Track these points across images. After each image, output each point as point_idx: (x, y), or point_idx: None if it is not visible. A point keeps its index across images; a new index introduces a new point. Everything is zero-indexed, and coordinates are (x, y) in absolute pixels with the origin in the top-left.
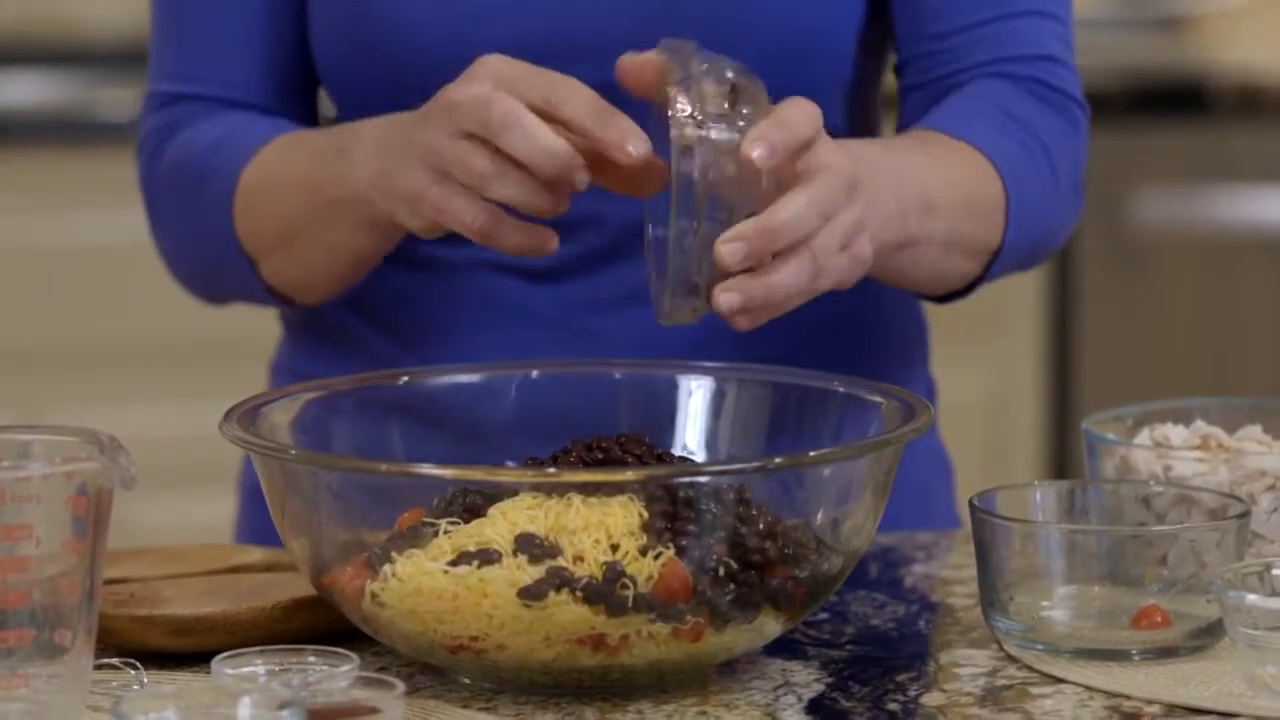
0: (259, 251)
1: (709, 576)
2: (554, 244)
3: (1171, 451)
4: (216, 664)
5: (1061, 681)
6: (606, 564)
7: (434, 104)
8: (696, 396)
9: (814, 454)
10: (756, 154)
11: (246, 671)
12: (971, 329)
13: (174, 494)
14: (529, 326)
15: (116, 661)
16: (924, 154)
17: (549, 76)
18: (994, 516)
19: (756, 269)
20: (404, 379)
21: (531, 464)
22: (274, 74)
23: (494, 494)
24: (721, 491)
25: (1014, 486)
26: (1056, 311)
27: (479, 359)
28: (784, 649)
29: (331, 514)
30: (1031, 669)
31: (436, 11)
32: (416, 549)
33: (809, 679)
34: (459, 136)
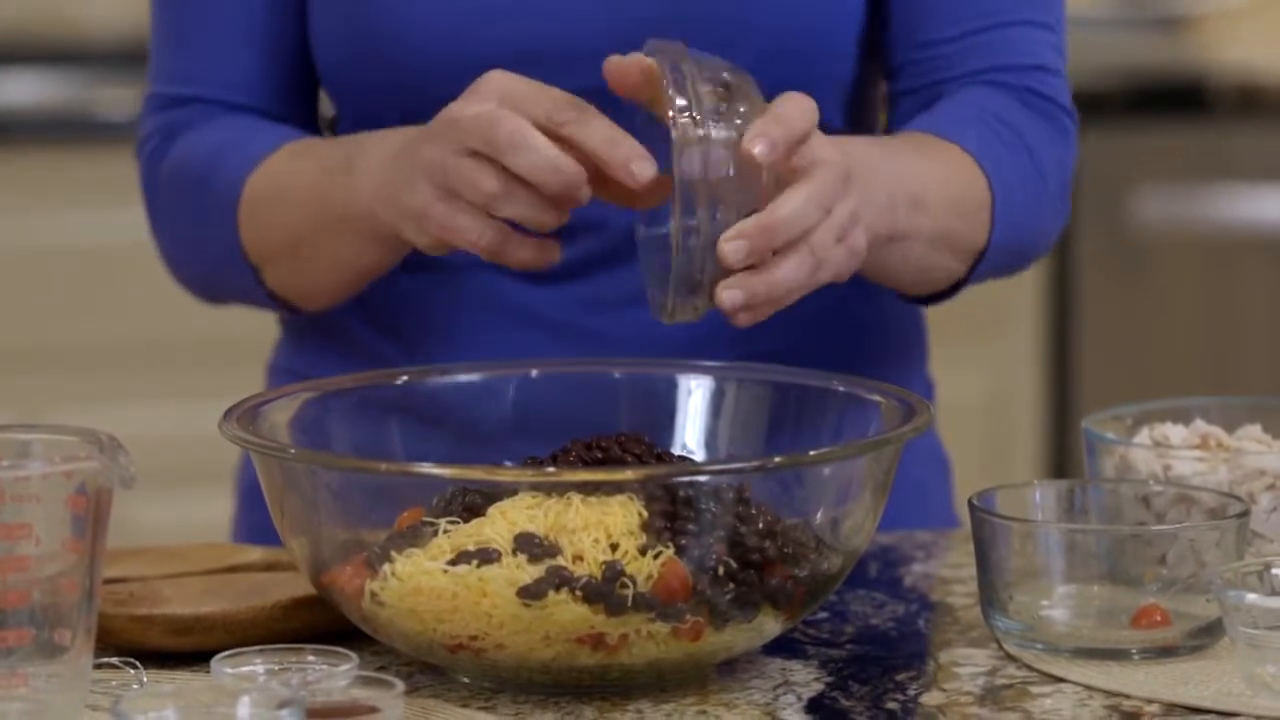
0: (263, 260)
1: (708, 576)
2: (558, 255)
3: (1171, 451)
4: (216, 663)
5: (1061, 681)
6: (606, 563)
7: (439, 121)
8: (696, 396)
9: (813, 453)
10: (758, 150)
11: (246, 671)
12: (971, 329)
13: (173, 493)
14: (529, 328)
15: (116, 661)
16: (914, 152)
17: (554, 94)
18: (994, 516)
19: (758, 265)
20: (403, 378)
21: (531, 463)
22: (274, 76)
23: (493, 493)
24: (721, 491)
25: (1013, 486)
26: (1056, 311)
27: (479, 360)
28: (783, 648)
29: (331, 513)
30: (1031, 668)
31: (436, 14)
32: (416, 548)
33: (808, 678)
34: (464, 154)
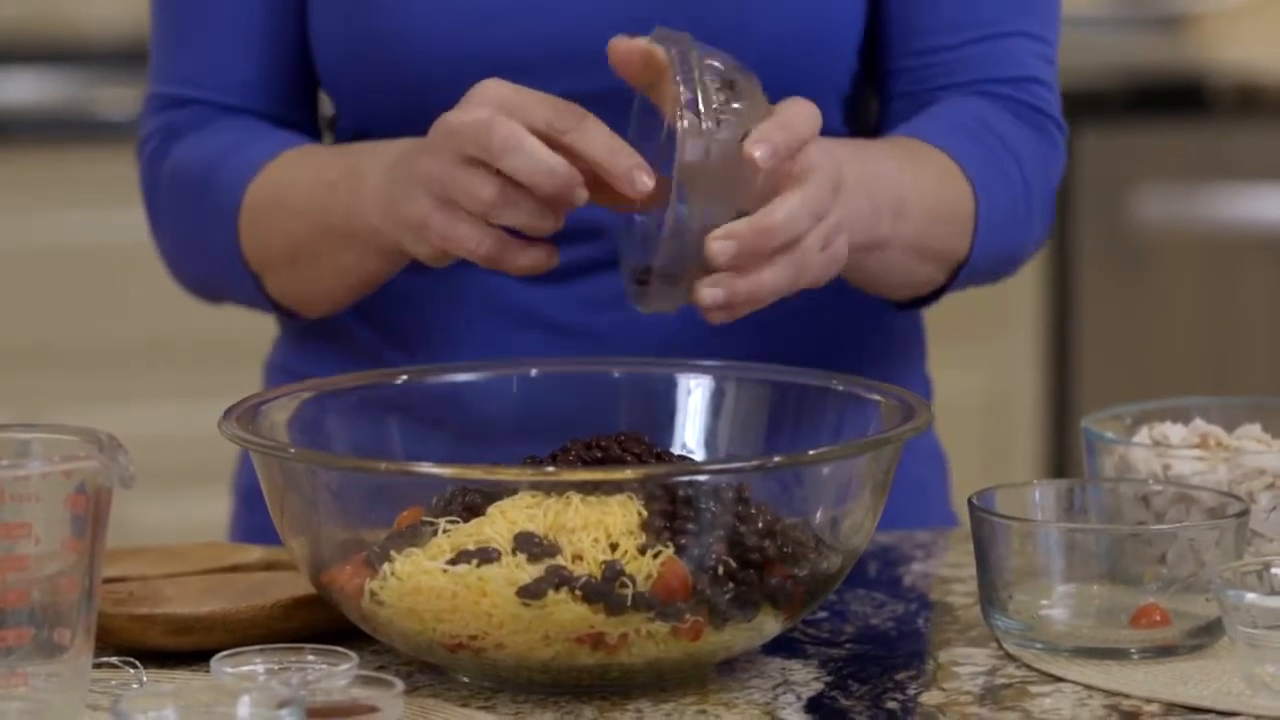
0: (264, 267)
1: (708, 575)
2: (556, 260)
3: (1170, 450)
4: (216, 663)
5: (1060, 680)
6: (605, 563)
7: (435, 130)
8: (695, 395)
9: (813, 453)
10: (759, 154)
11: (246, 670)
12: (971, 328)
13: (173, 493)
14: (529, 328)
15: (115, 660)
16: (901, 159)
17: (552, 101)
18: (993, 515)
19: (742, 266)
20: (403, 378)
21: (530, 463)
22: (274, 78)
23: (493, 493)
24: (720, 490)
25: (1013, 485)
26: (1056, 310)
27: (479, 359)
28: (783, 648)
29: (330, 513)
30: (1030, 668)
31: (436, 16)
32: (415, 548)
33: (808, 678)
34: (461, 162)
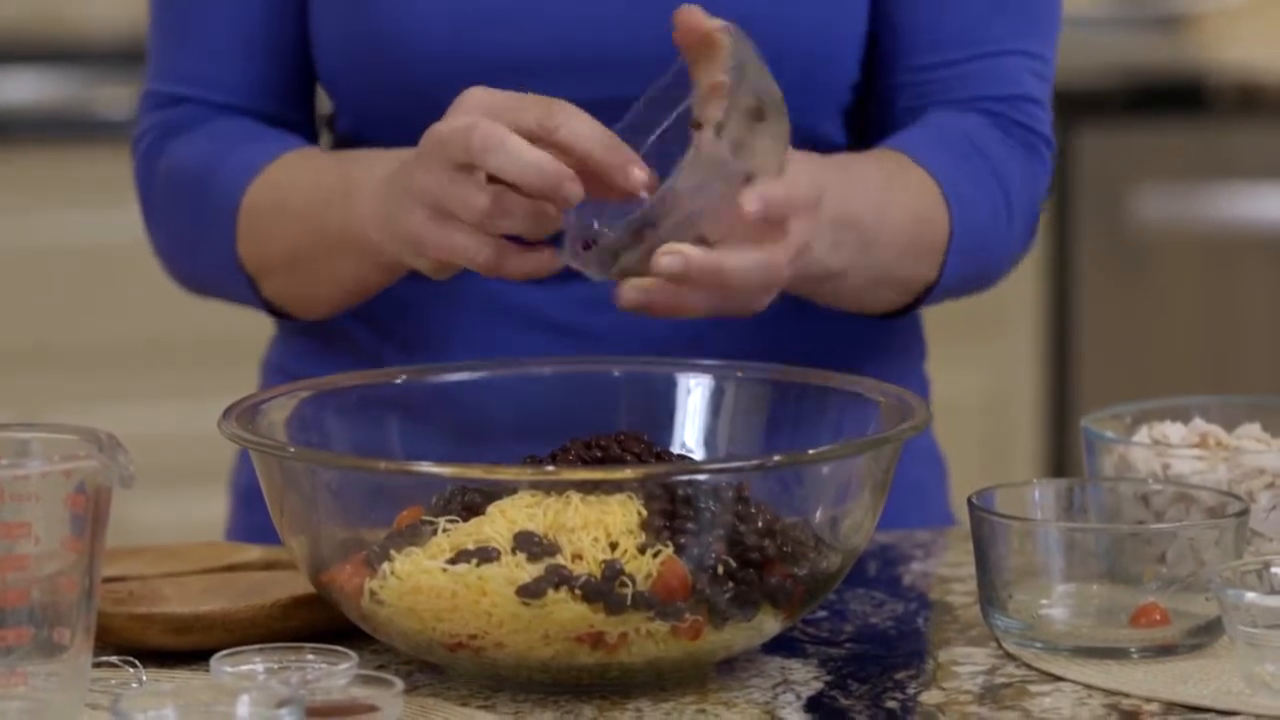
0: (260, 271)
1: (708, 574)
2: (557, 263)
3: (1170, 449)
4: (215, 662)
5: (1060, 679)
6: (605, 562)
7: (424, 142)
8: (695, 395)
9: (813, 452)
10: (752, 207)
11: (245, 669)
12: (971, 328)
13: (172, 492)
14: (529, 328)
15: (115, 659)
16: (882, 187)
17: (540, 101)
18: (993, 515)
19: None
20: (402, 377)
21: (530, 462)
22: (271, 79)
23: (493, 492)
24: (720, 489)
25: (1013, 485)
26: (1056, 310)
27: (478, 359)
28: (783, 647)
29: (330, 512)
30: (1030, 667)
31: (436, 17)
32: (415, 547)
33: (808, 677)
34: (452, 170)
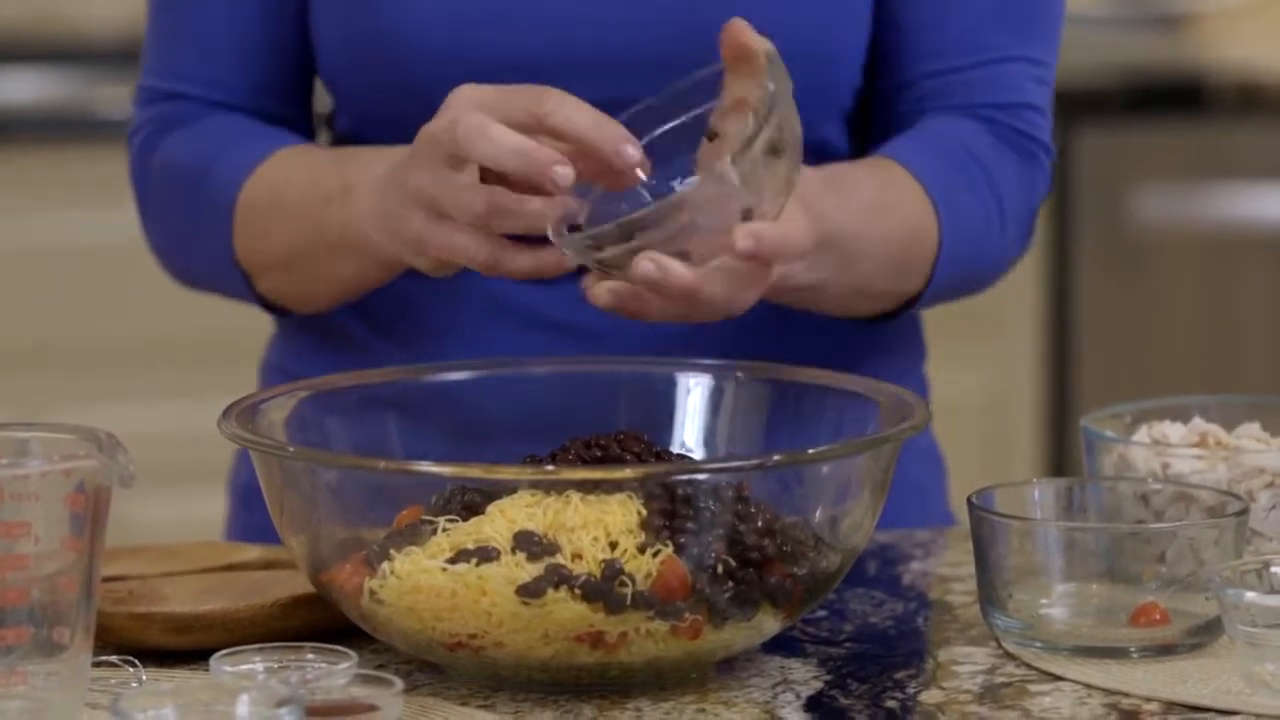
0: (257, 269)
1: (707, 574)
2: (557, 262)
3: (1170, 449)
4: (215, 661)
5: (1060, 679)
6: (605, 561)
7: (417, 142)
8: (695, 394)
9: (812, 451)
10: (742, 245)
11: (245, 669)
12: (970, 327)
13: (172, 492)
14: (528, 327)
15: (115, 659)
16: (873, 204)
17: (530, 90)
18: (993, 514)
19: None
20: (402, 377)
21: (530, 461)
22: (268, 80)
23: (492, 491)
24: (720, 489)
25: (1012, 484)
26: (1055, 309)
27: (478, 358)
28: (782, 646)
29: (330, 511)
30: (1030, 666)
31: (436, 19)
32: (415, 547)
33: (807, 676)
34: (443, 168)
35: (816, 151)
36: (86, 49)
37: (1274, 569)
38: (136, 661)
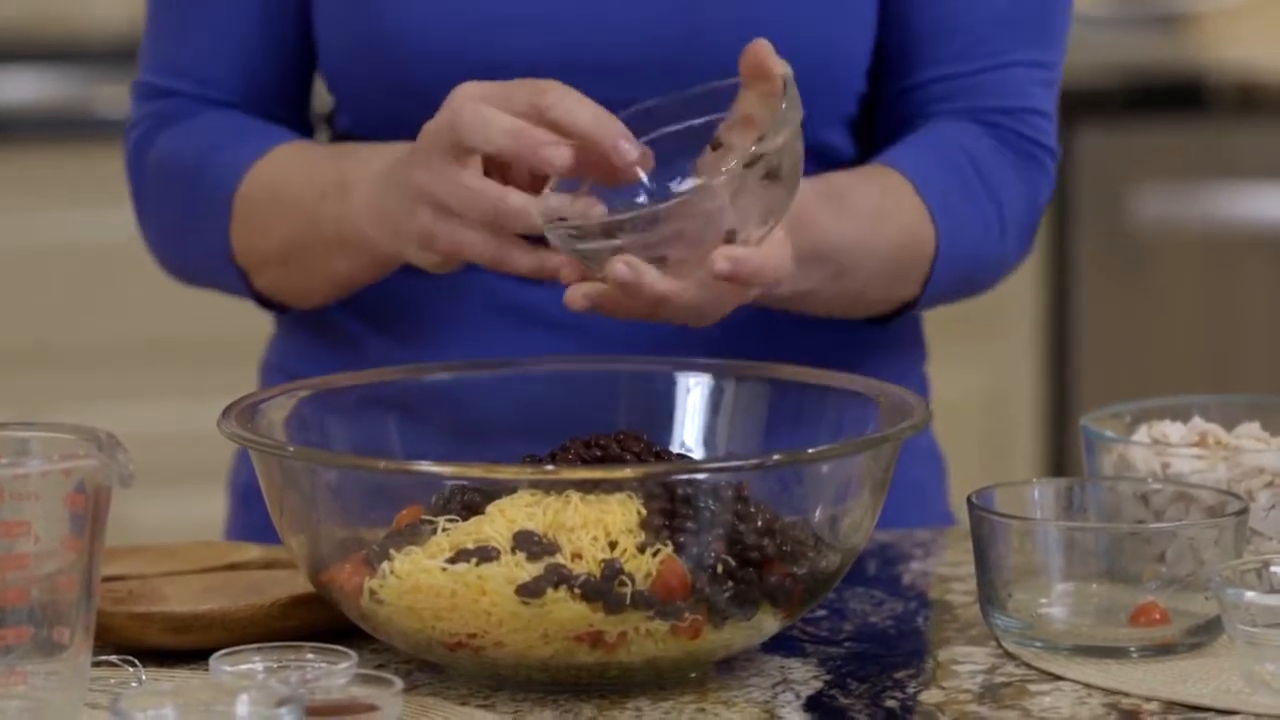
0: (253, 265)
1: (707, 574)
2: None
3: (1170, 449)
4: (215, 661)
5: (1060, 679)
6: (605, 561)
7: (420, 139)
8: (695, 394)
9: (812, 451)
10: (720, 268)
11: (245, 669)
12: (970, 327)
13: (172, 492)
14: (528, 326)
15: (115, 659)
16: (870, 215)
17: (530, 84)
18: (992, 514)
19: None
20: (402, 376)
21: (530, 461)
22: (266, 80)
23: (492, 491)
24: (720, 489)
25: (1012, 484)
26: (1055, 309)
27: (478, 357)
28: (782, 646)
29: (330, 511)
30: (1030, 666)
31: (437, 21)
32: (415, 546)
33: (807, 676)
34: (446, 161)
35: (818, 155)
36: (86, 49)
37: (1274, 568)
38: (136, 661)
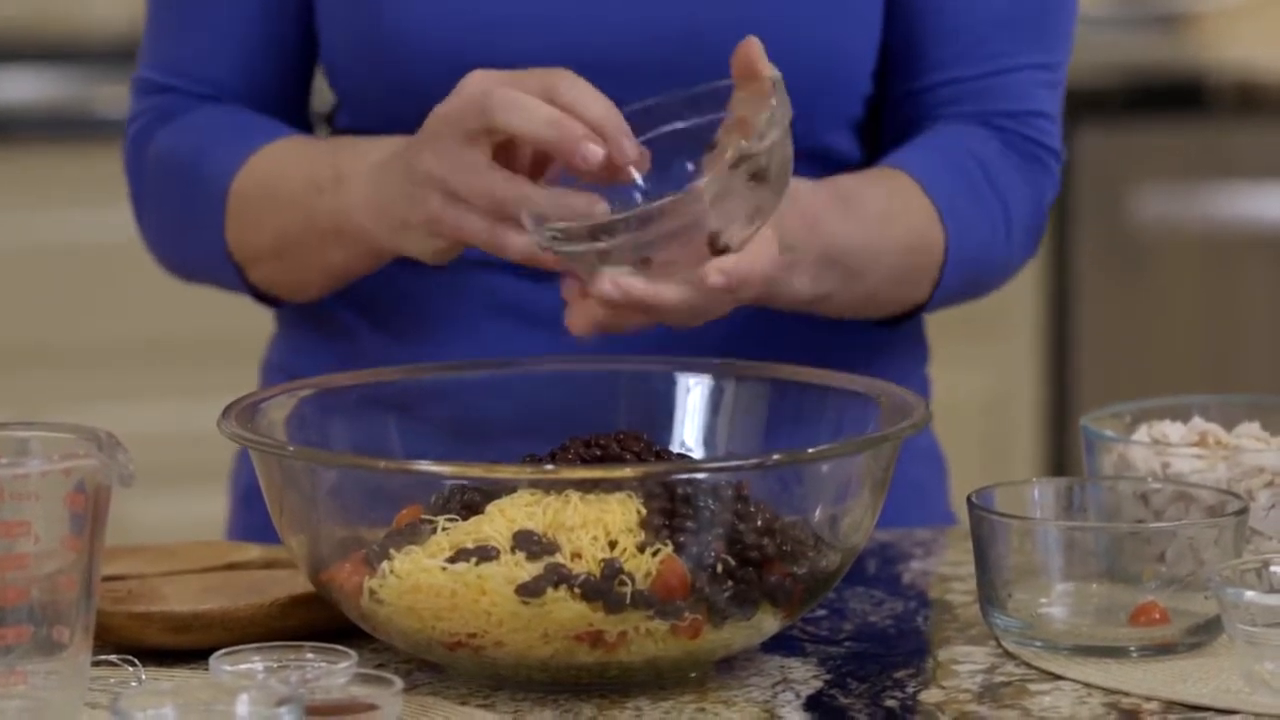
0: (247, 260)
1: (707, 573)
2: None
3: (1169, 448)
4: (214, 661)
5: (1060, 678)
6: (604, 561)
7: (429, 124)
8: (695, 393)
9: (812, 450)
10: (714, 281)
11: (244, 668)
12: (971, 327)
13: (172, 491)
14: (530, 326)
15: (114, 658)
16: (878, 217)
17: (540, 71)
18: (993, 513)
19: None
20: (402, 376)
21: (530, 461)
22: (265, 80)
23: (492, 491)
24: (719, 488)
25: (1012, 484)
26: (1055, 309)
27: (478, 357)
28: (782, 646)
29: (330, 511)
30: (1030, 666)
31: (438, 21)
32: (415, 546)
33: (807, 676)
34: (462, 145)
35: (823, 157)
36: (86, 49)
37: (1274, 568)
38: (136, 661)
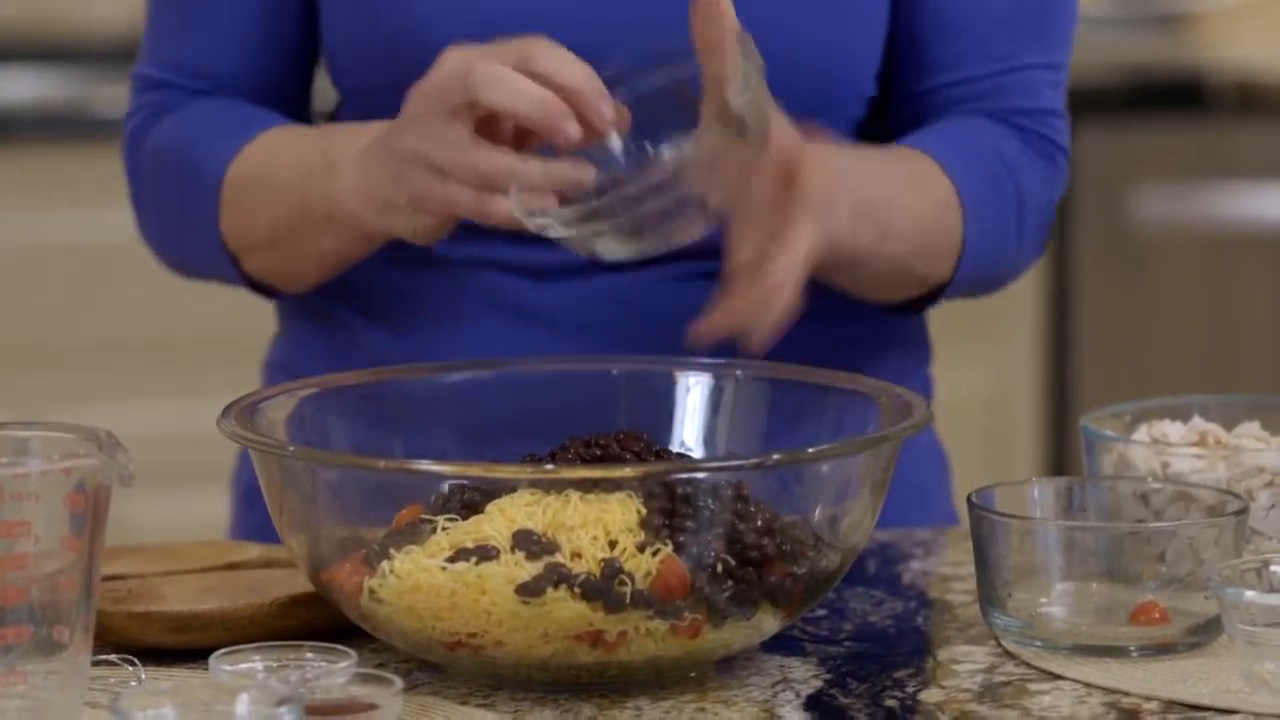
0: (242, 250)
1: (707, 573)
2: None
3: (1169, 448)
4: (214, 660)
5: (1059, 678)
6: (604, 560)
7: (411, 102)
8: (695, 393)
9: (812, 450)
10: (774, 283)
11: (244, 668)
12: (972, 327)
13: (172, 491)
14: (529, 325)
15: (114, 658)
16: (901, 181)
17: (517, 44)
18: (992, 513)
19: None
20: (402, 376)
21: (530, 460)
22: (266, 80)
23: (492, 490)
24: (719, 488)
25: (1012, 483)
26: (1055, 309)
27: (478, 356)
28: (782, 646)
29: (329, 511)
30: (1029, 665)
31: (439, 21)
32: (414, 546)
33: (807, 675)
34: (437, 123)
35: None
36: (86, 49)
37: (1273, 568)
38: (136, 660)
